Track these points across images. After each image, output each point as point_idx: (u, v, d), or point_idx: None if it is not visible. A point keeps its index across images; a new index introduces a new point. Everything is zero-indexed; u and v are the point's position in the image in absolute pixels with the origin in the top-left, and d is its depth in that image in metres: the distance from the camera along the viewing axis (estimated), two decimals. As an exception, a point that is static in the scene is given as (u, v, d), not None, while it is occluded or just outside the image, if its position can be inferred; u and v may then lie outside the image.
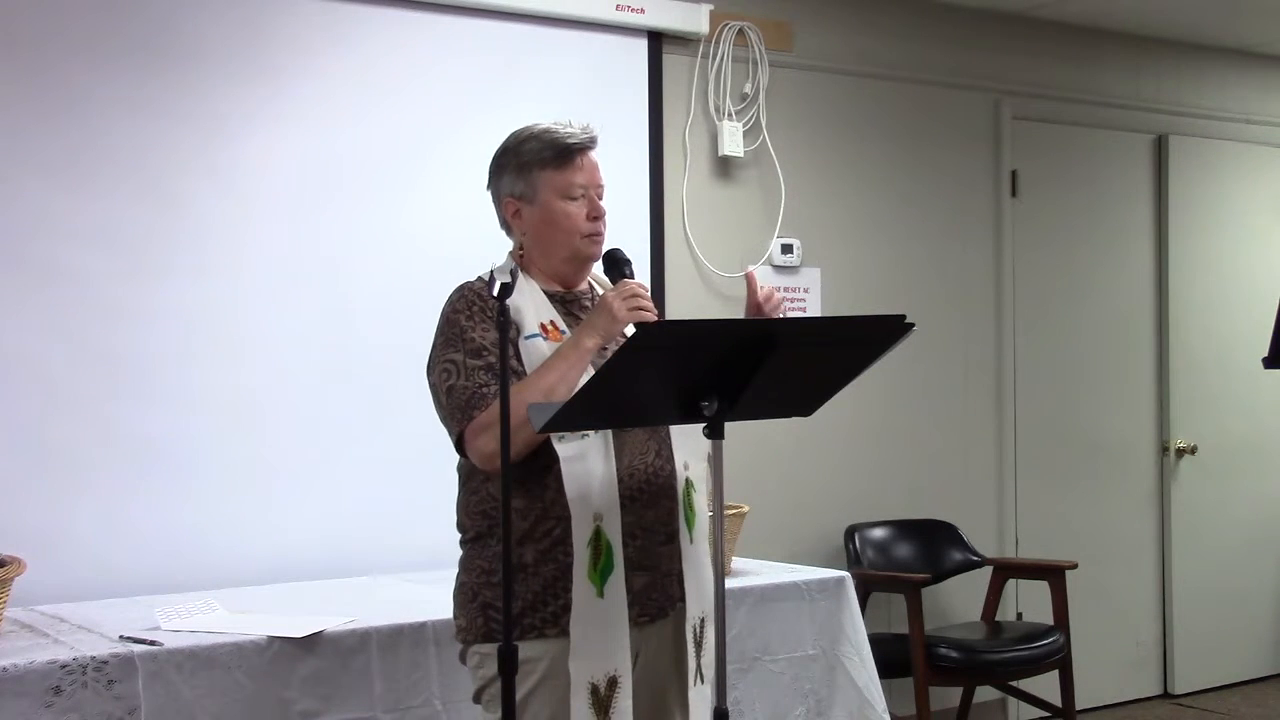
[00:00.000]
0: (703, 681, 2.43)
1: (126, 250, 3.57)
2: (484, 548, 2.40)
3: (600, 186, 2.49)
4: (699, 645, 2.43)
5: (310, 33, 3.86)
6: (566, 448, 2.31)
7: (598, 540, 2.30)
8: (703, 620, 2.44)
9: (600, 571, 2.30)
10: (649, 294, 2.39)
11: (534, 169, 2.44)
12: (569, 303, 2.49)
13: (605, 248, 2.50)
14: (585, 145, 2.46)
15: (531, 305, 2.41)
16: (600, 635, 2.30)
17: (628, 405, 2.21)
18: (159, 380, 3.60)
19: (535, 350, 2.36)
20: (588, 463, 2.31)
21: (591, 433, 2.32)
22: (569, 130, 2.46)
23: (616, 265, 2.47)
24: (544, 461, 2.32)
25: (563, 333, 2.40)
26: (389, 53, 3.97)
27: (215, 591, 3.32)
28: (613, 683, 2.30)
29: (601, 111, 4.16)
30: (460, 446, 2.37)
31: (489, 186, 2.53)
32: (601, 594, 2.30)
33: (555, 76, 4.19)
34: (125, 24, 3.60)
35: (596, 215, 2.46)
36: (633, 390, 2.15)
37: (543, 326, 2.39)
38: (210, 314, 3.68)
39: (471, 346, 2.35)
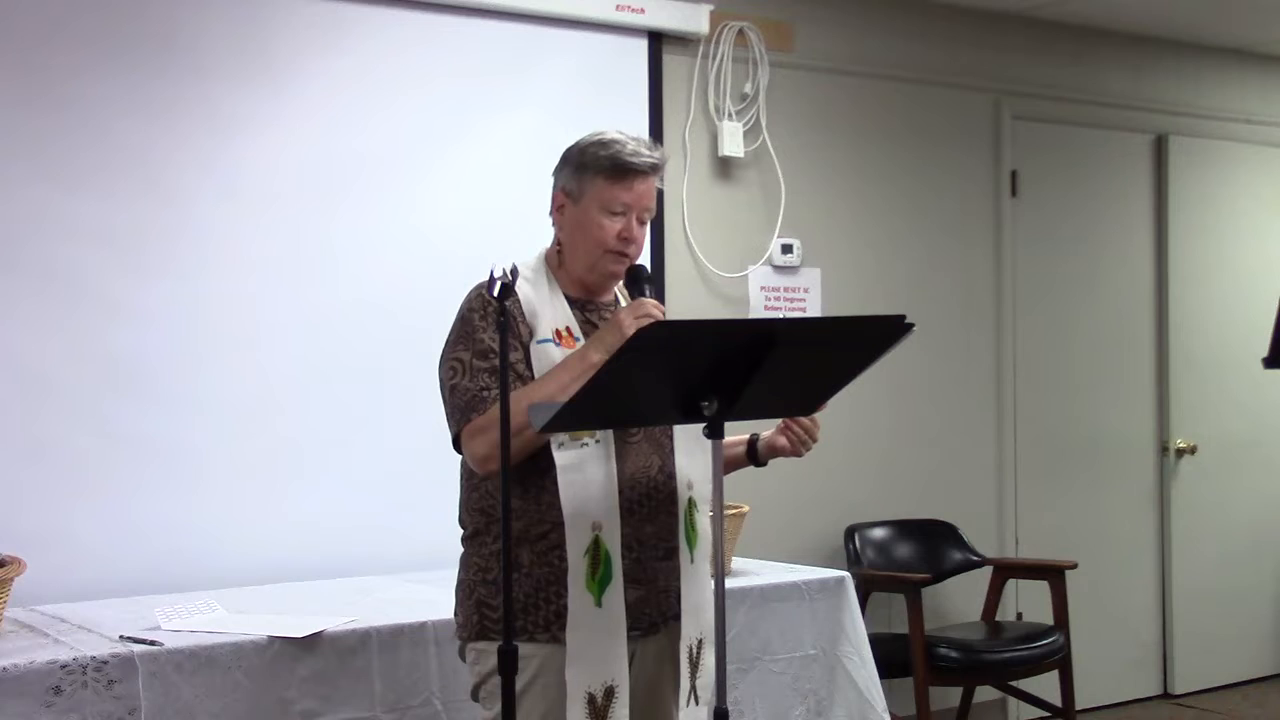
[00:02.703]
0: (697, 703, 2.43)
1: (125, 249, 3.57)
2: (481, 545, 2.41)
3: (647, 212, 2.47)
4: (695, 666, 2.42)
5: (310, 32, 3.86)
6: (565, 455, 2.31)
7: (596, 549, 2.30)
8: (700, 642, 2.43)
9: (599, 581, 2.30)
10: (664, 313, 2.37)
11: (589, 173, 2.44)
12: (589, 310, 2.49)
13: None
14: (643, 169, 2.44)
15: (549, 309, 2.41)
16: (597, 645, 2.30)
17: (628, 405, 2.20)
18: (159, 380, 3.60)
19: (546, 356, 2.36)
20: (586, 472, 2.31)
21: (591, 441, 2.32)
22: (637, 149, 2.44)
23: (637, 282, 2.46)
24: (542, 465, 2.32)
25: (577, 340, 2.40)
26: (389, 52, 3.96)
27: (215, 591, 3.32)
28: (610, 692, 2.30)
29: (601, 111, 4.19)
30: (458, 446, 2.38)
31: (554, 173, 2.53)
32: (599, 603, 2.29)
33: (555, 76, 4.19)
34: (124, 23, 3.60)
35: (628, 237, 2.44)
36: (633, 390, 2.15)
37: (557, 332, 2.39)
38: (210, 313, 3.68)
39: (480, 348, 2.35)
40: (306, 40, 3.86)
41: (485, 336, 2.36)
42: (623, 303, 2.54)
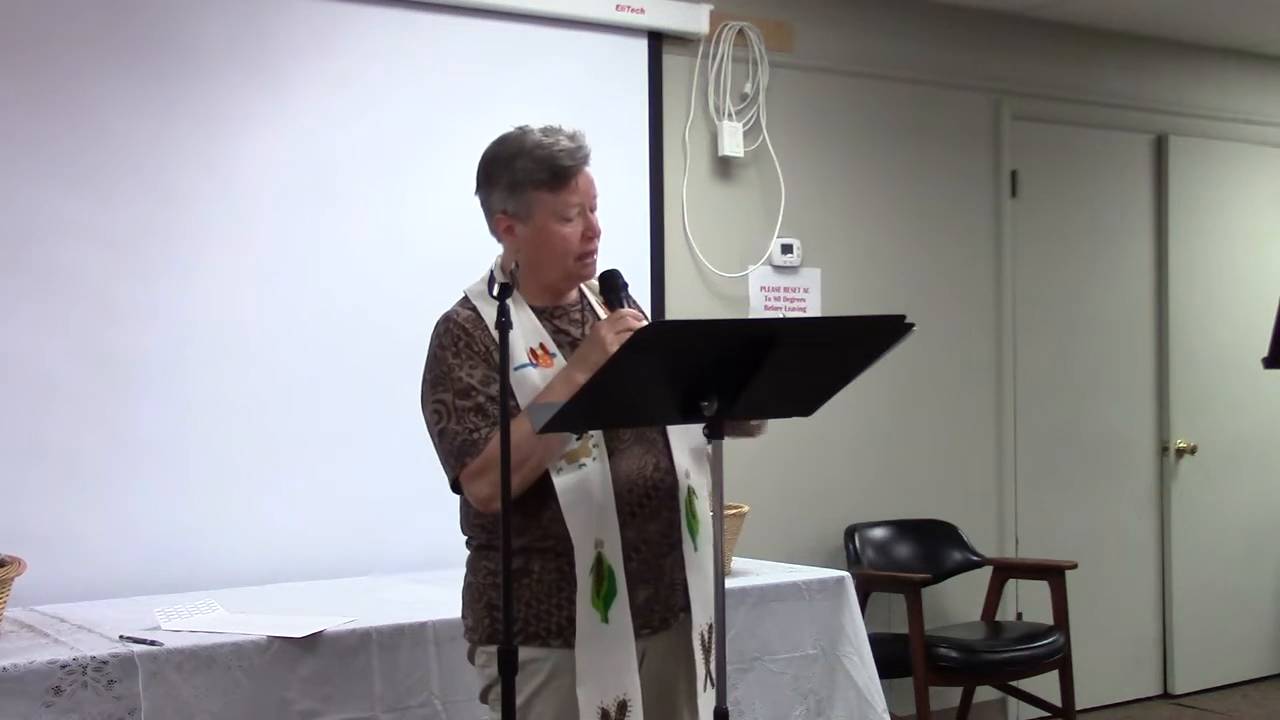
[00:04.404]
0: (713, 686, 2.42)
1: (126, 249, 3.57)
2: (492, 551, 2.38)
3: (595, 201, 2.41)
4: (707, 651, 2.41)
5: (310, 32, 3.86)
6: (564, 479, 2.28)
7: (599, 566, 2.28)
8: (710, 627, 2.42)
9: (604, 597, 2.28)
10: (644, 322, 2.33)
11: (527, 189, 2.36)
12: (558, 318, 2.44)
13: (605, 263, 2.44)
14: (581, 165, 2.38)
15: (519, 330, 2.33)
16: (607, 660, 2.28)
17: (627, 405, 2.20)
18: (159, 380, 3.60)
19: (526, 381, 2.30)
20: (585, 492, 2.29)
21: (589, 461, 2.30)
22: (563, 146, 2.36)
23: (614, 290, 2.39)
24: (541, 487, 2.29)
25: (553, 355, 2.36)
26: (388, 53, 3.97)
27: (215, 591, 3.32)
28: (623, 707, 2.29)
29: (601, 111, 4.20)
30: (456, 488, 2.35)
31: (478, 193, 2.46)
32: (606, 619, 2.28)
33: (555, 76, 4.19)
34: (124, 23, 3.60)
35: (592, 235, 2.39)
36: (633, 390, 2.14)
37: (531, 353, 2.34)
38: (210, 313, 3.68)
39: (459, 387, 2.31)
40: (306, 40, 3.86)
41: (463, 374, 2.31)
42: (590, 298, 2.51)
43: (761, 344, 2.06)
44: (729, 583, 3.18)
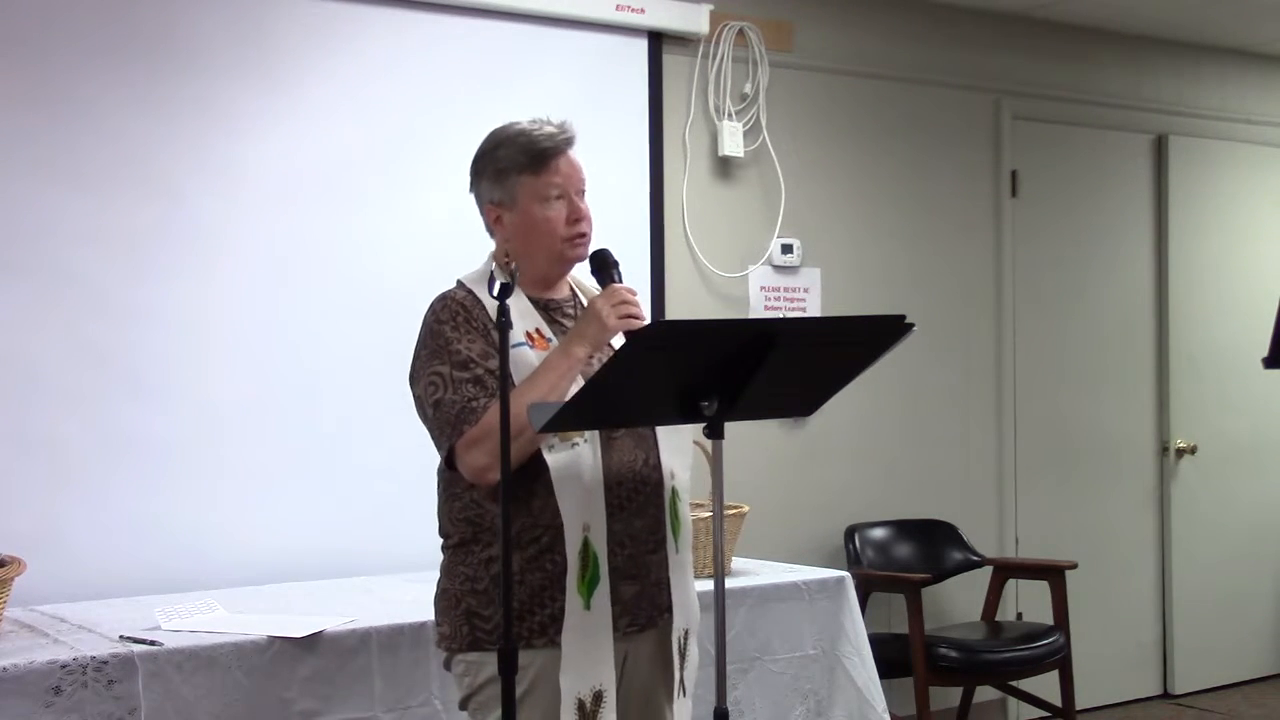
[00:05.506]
0: (684, 695, 2.41)
1: (121, 246, 3.57)
2: (468, 554, 2.35)
3: (581, 185, 2.42)
4: (682, 657, 2.40)
5: (309, 32, 3.86)
6: (557, 457, 2.26)
7: (585, 551, 2.26)
8: (686, 632, 2.41)
9: (588, 583, 2.26)
10: (638, 298, 2.34)
11: (511, 175, 2.39)
12: (551, 309, 2.44)
13: (595, 247, 2.43)
14: (560, 147, 2.40)
15: (517, 313, 2.33)
16: (587, 649, 2.27)
17: (627, 405, 2.20)
18: (158, 380, 3.60)
19: (523, 359, 2.30)
20: (577, 473, 2.27)
21: (582, 441, 2.28)
22: (544, 131, 2.39)
23: (605, 268, 2.40)
24: (532, 470, 2.27)
25: (549, 340, 2.36)
26: (388, 52, 3.97)
27: (215, 591, 3.32)
28: (598, 697, 2.27)
29: (601, 111, 4.20)
30: (450, 461, 2.32)
31: (471, 190, 2.49)
32: (588, 606, 2.26)
33: (555, 76, 4.18)
34: (121, 21, 3.60)
35: (577, 217, 2.40)
36: (633, 390, 2.14)
37: (529, 335, 2.34)
38: (209, 311, 3.68)
39: (458, 359, 2.30)
40: (305, 39, 3.86)
41: (462, 346, 2.30)
42: (580, 295, 2.51)
43: (761, 344, 2.06)
44: (729, 583, 3.18)
